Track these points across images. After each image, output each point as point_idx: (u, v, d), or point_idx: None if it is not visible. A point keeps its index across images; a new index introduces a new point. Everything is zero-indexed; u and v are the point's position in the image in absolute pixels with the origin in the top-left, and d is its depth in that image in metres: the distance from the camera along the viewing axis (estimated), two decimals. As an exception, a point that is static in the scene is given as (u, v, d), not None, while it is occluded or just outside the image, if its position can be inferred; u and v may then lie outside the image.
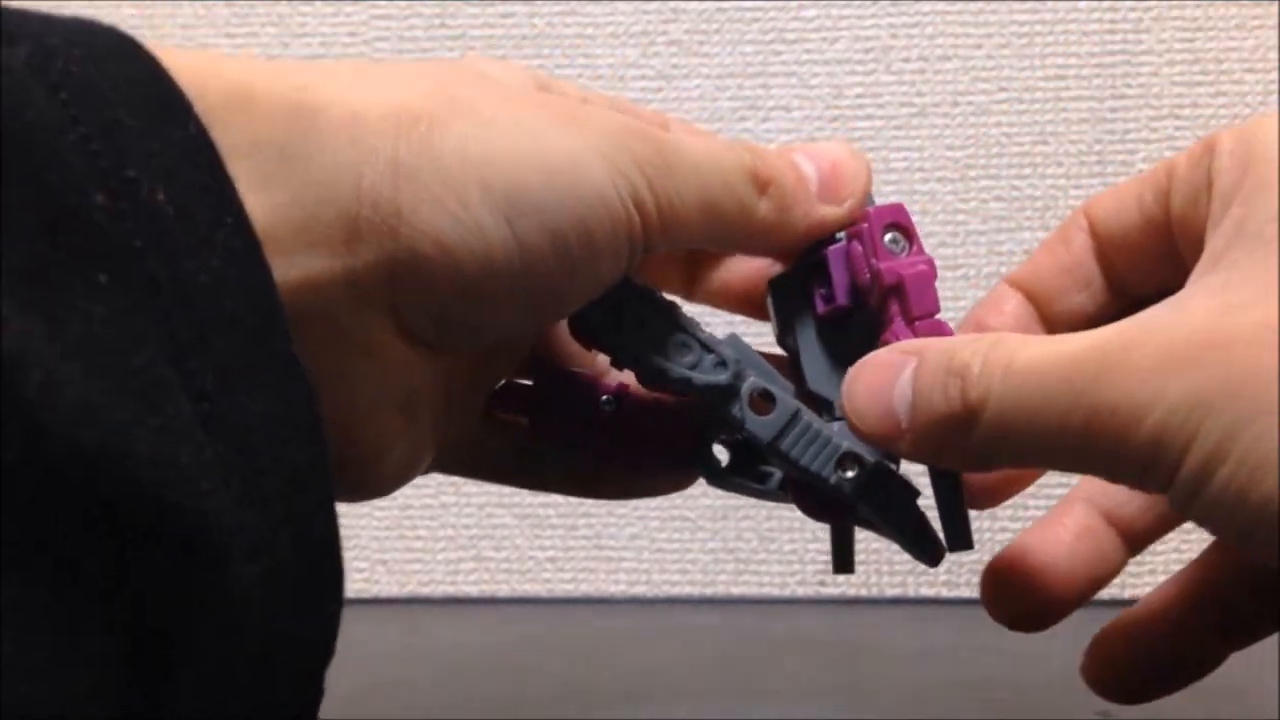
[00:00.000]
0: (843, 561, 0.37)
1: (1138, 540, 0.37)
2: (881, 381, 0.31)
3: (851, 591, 0.70)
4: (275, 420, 0.25)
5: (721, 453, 0.38)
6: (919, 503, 0.35)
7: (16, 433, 0.21)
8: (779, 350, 0.37)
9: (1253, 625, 0.36)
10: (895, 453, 0.33)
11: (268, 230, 0.26)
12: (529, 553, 0.71)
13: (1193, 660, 0.37)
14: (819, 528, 0.37)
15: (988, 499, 0.36)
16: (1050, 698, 0.50)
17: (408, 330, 0.30)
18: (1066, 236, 0.36)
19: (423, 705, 0.54)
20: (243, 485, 0.25)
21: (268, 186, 0.27)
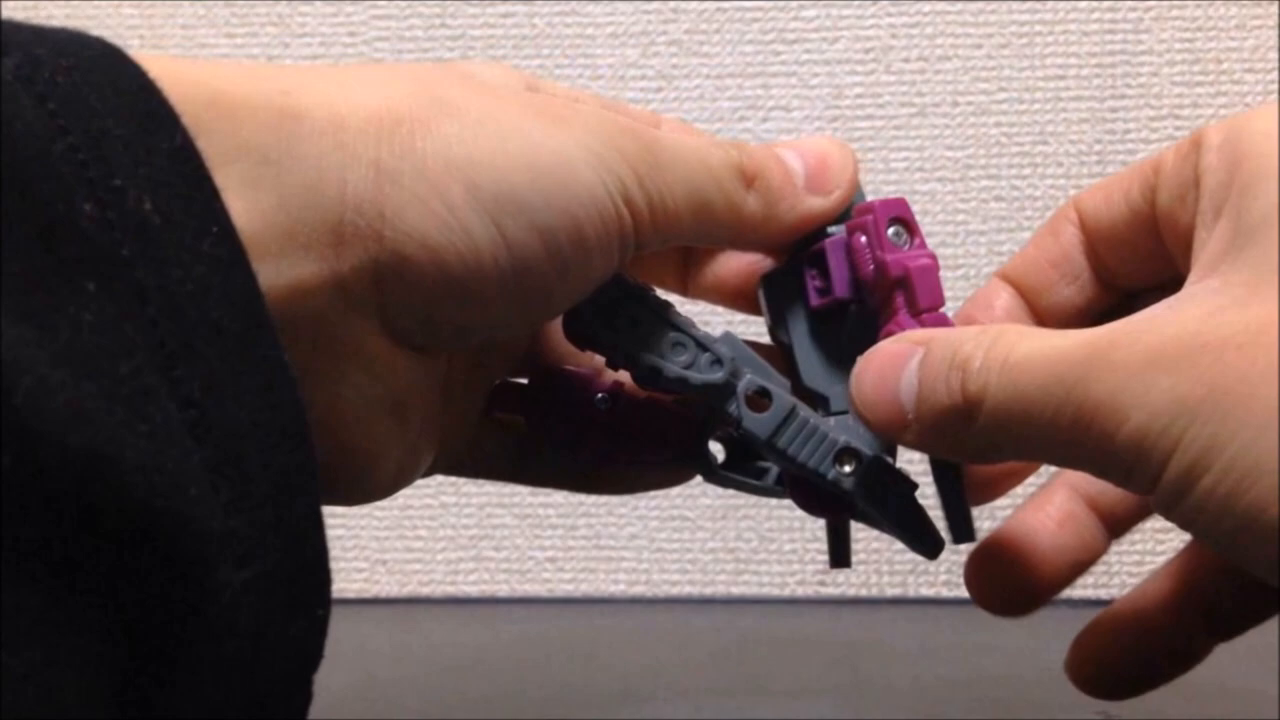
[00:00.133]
0: (839, 556, 0.37)
1: (1119, 526, 0.37)
2: (889, 371, 0.31)
3: (851, 591, 0.70)
4: (263, 426, 0.25)
5: (717, 449, 0.38)
6: (917, 496, 0.35)
7: (6, 437, 0.22)
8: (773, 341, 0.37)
9: (1238, 618, 0.36)
10: (901, 443, 0.33)
11: (254, 236, 0.26)
12: (529, 553, 0.71)
13: (1178, 654, 0.37)
14: (819, 527, 0.37)
15: (986, 491, 0.36)
16: (1049, 696, 0.49)
17: (396, 333, 0.30)
18: (1056, 230, 0.36)
19: (422, 705, 0.54)
20: (231, 491, 0.25)
21: (253, 192, 0.27)
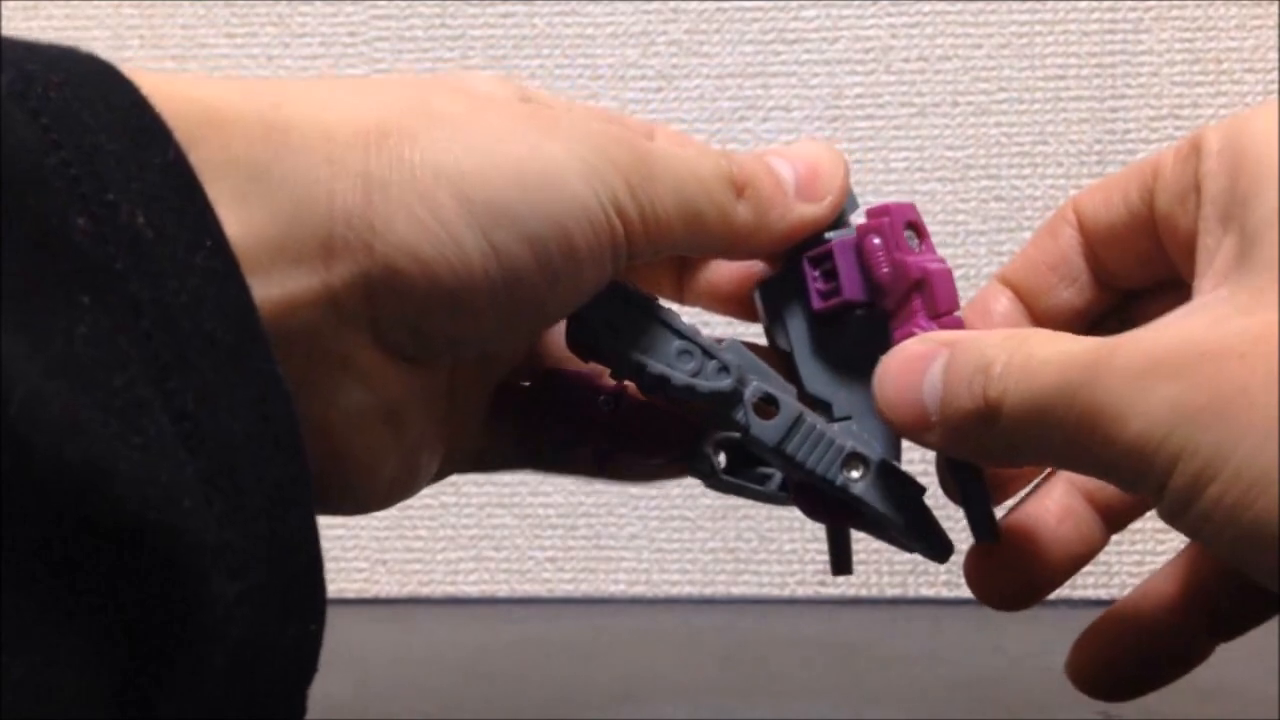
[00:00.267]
0: (841, 563, 0.37)
1: (1117, 521, 0.37)
2: (913, 372, 0.31)
3: (851, 591, 0.70)
4: (256, 438, 0.25)
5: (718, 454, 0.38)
6: (924, 500, 0.35)
7: (1, 447, 0.22)
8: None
9: (1239, 619, 0.36)
10: (923, 444, 0.33)
11: (246, 249, 0.26)
12: (529, 553, 0.71)
13: (1179, 655, 0.36)
14: (819, 527, 0.37)
15: (998, 493, 0.36)
16: (1050, 697, 0.49)
17: (388, 345, 0.30)
18: (1054, 231, 0.36)
19: (422, 705, 0.54)
20: (224, 503, 0.25)
21: (244, 206, 0.27)
